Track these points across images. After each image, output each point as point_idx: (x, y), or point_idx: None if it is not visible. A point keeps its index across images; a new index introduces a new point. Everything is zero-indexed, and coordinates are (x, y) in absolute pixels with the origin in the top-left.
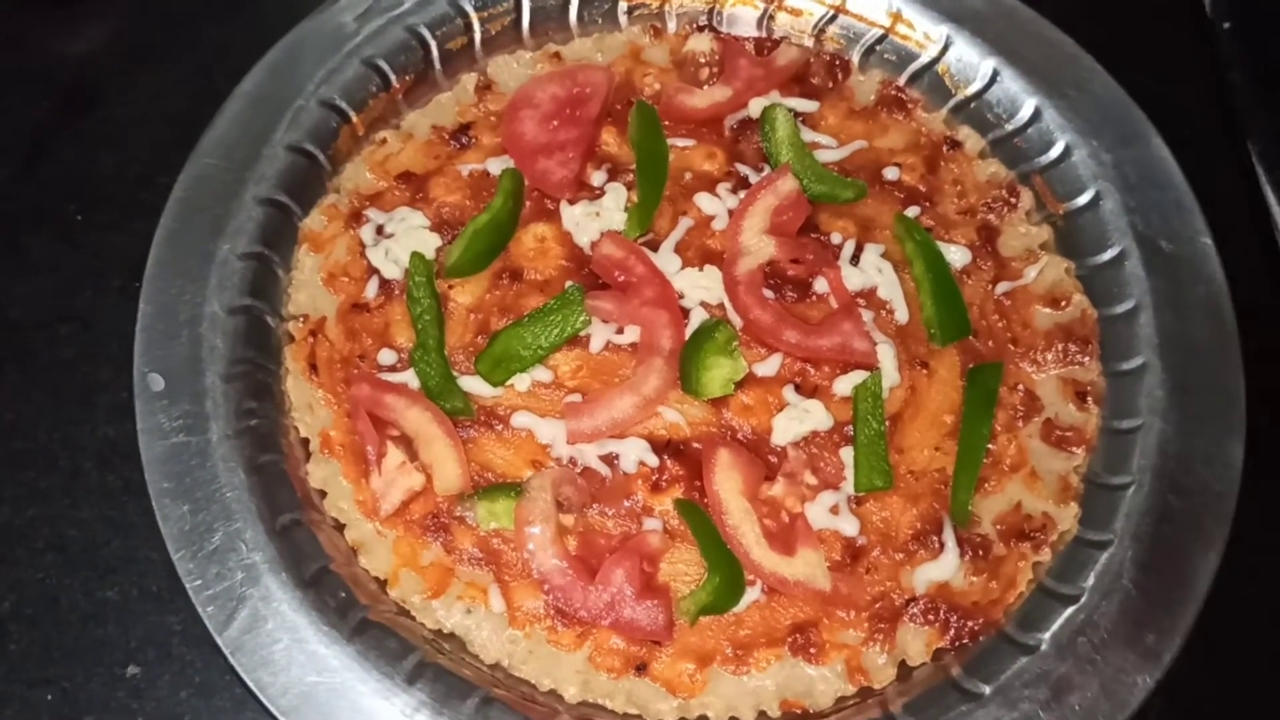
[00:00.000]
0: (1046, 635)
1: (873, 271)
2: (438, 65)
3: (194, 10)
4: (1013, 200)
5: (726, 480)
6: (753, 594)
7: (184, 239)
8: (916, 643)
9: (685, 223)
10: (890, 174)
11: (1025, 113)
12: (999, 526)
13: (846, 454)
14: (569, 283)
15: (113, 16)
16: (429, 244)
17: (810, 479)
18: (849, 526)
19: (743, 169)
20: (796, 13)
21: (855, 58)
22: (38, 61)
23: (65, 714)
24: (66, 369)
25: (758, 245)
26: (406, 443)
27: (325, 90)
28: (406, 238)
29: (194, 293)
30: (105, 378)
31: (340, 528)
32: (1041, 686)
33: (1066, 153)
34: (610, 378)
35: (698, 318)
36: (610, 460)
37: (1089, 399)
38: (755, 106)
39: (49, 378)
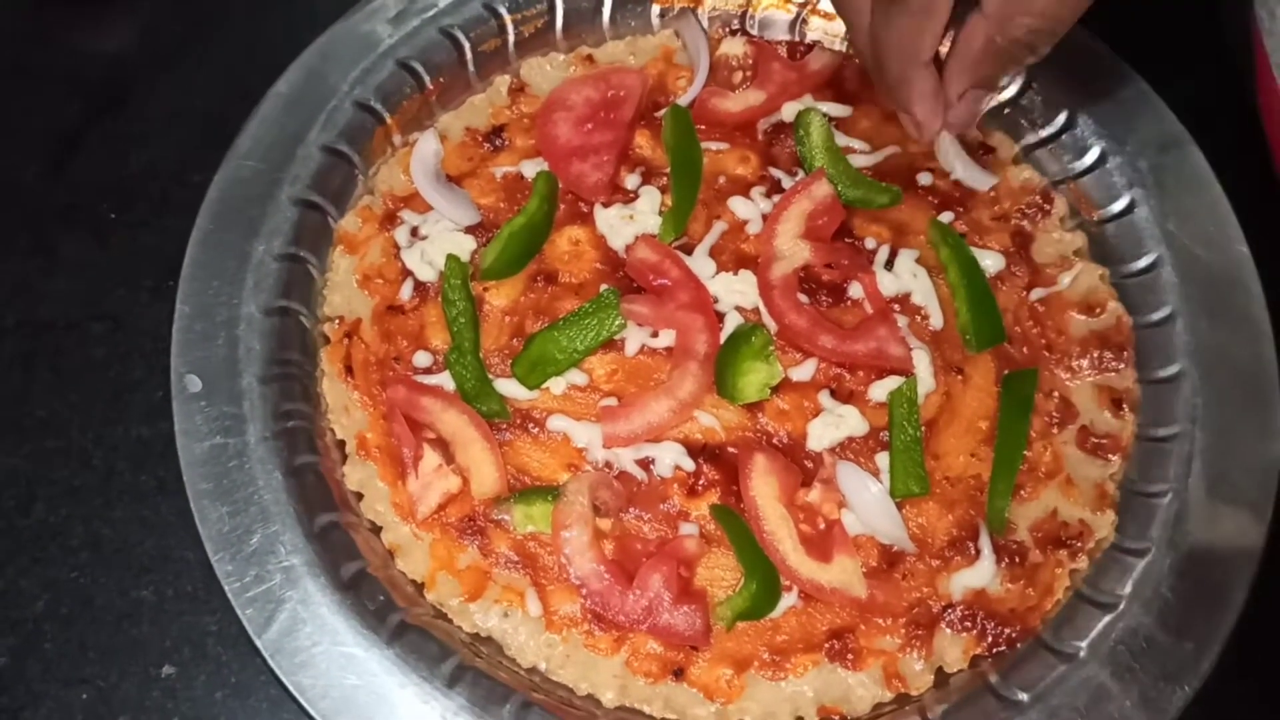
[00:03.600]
0: (1084, 643)
1: (907, 277)
2: (471, 67)
3: (224, 8)
4: (1046, 206)
5: (763, 485)
6: (789, 599)
7: (220, 240)
8: (954, 649)
9: (719, 227)
10: (924, 179)
11: (1059, 119)
12: (1035, 533)
13: (882, 460)
14: (604, 286)
15: (143, 14)
16: (464, 246)
17: None
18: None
19: (776, 173)
20: (830, 16)
21: None
22: (67, 59)
23: (100, 714)
24: (99, 368)
25: (792, 250)
26: (443, 445)
27: (360, 91)
28: (441, 240)
29: (230, 294)
30: (138, 377)
31: (377, 530)
32: (1079, 694)
33: (1101, 159)
34: (645, 381)
35: (732, 322)
36: (646, 464)
37: (1124, 406)
38: (789, 110)
39: (81, 377)
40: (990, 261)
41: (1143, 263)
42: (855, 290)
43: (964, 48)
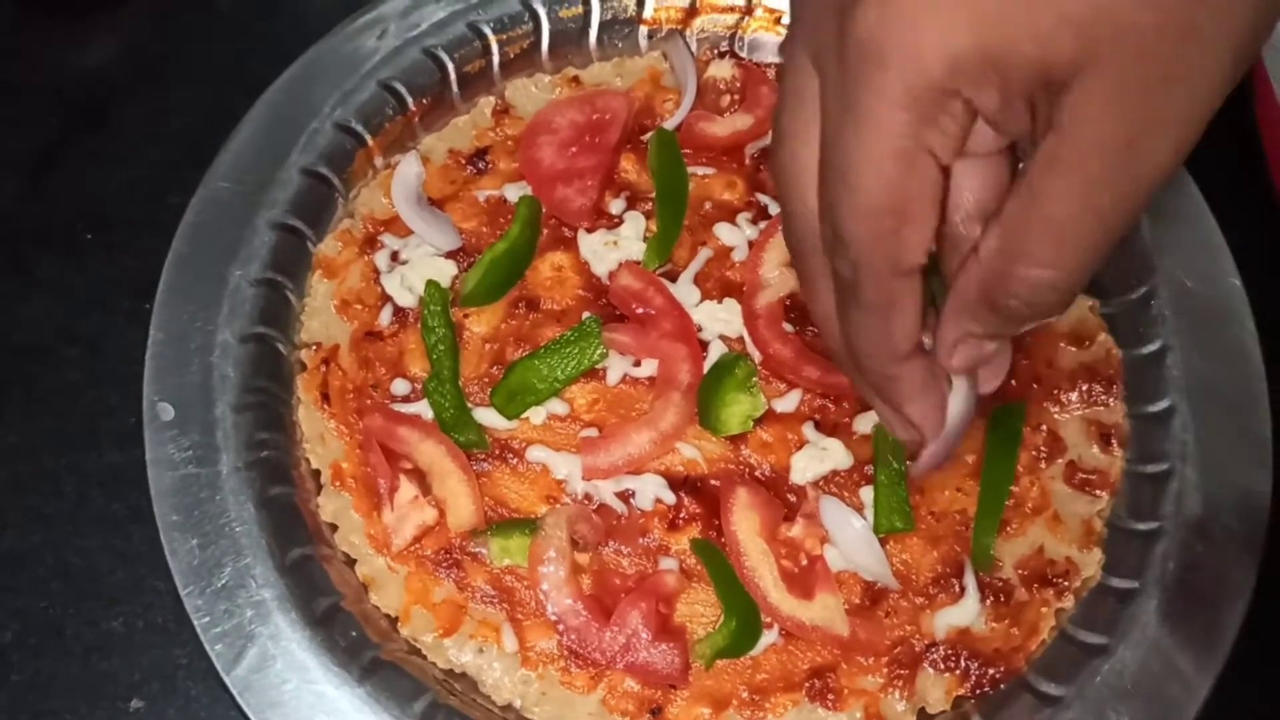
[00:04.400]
0: (1069, 685)
1: None
2: (455, 88)
3: (208, 26)
4: None
5: (744, 520)
6: (769, 637)
7: (196, 264)
8: (936, 690)
9: (704, 253)
10: None
11: None
12: (1021, 571)
13: (866, 495)
14: (586, 314)
15: (125, 31)
16: (444, 271)
17: None
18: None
19: (763, 199)
20: None
21: None
22: (47, 75)
23: None
24: (72, 393)
25: (778, 278)
26: (419, 476)
27: (341, 113)
28: (422, 265)
29: (205, 320)
30: (112, 403)
31: (351, 563)
32: None
33: None
34: (627, 412)
35: (716, 351)
36: (626, 497)
37: (1113, 441)
38: None
39: (54, 401)
40: None
41: (1134, 295)
42: None
43: (960, 296)
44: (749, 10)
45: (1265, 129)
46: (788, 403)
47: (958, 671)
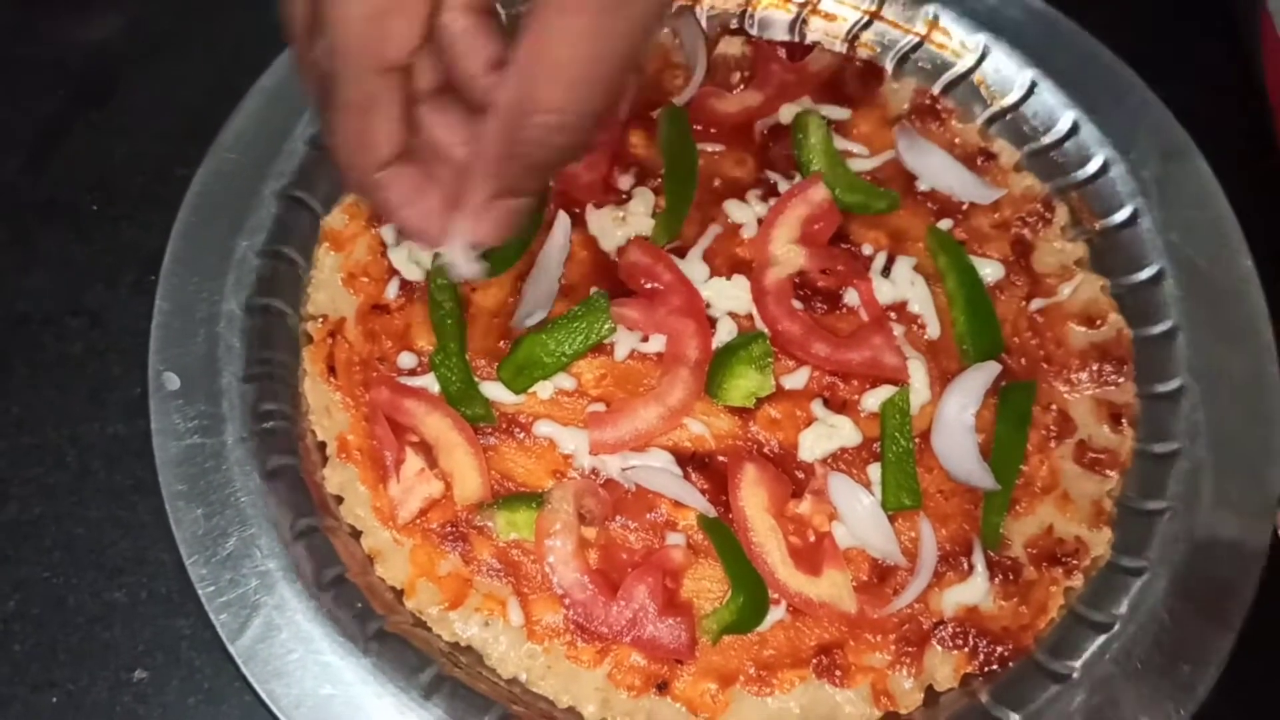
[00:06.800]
0: (1078, 663)
1: (905, 284)
2: None
3: (212, 1)
4: (1048, 215)
5: (752, 496)
6: (777, 613)
7: (202, 235)
8: (944, 667)
9: (714, 230)
10: (923, 185)
11: (1063, 126)
12: (1030, 550)
13: (874, 472)
14: (594, 289)
15: (129, 5)
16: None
17: None
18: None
19: (773, 176)
20: (830, 17)
21: (889, 65)
22: (51, 49)
23: (69, 718)
24: (76, 365)
25: (787, 255)
26: (426, 449)
27: None
28: None
29: (211, 290)
30: (116, 374)
31: (357, 535)
32: (1072, 717)
33: (1104, 168)
34: (635, 387)
35: (725, 328)
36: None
37: (1123, 421)
38: (786, 112)
39: (58, 373)
40: (989, 270)
41: (1145, 274)
42: (851, 297)
43: (480, 151)
44: None
45: (1274, 91)
46: (796, 379)
47: (966, 649)
